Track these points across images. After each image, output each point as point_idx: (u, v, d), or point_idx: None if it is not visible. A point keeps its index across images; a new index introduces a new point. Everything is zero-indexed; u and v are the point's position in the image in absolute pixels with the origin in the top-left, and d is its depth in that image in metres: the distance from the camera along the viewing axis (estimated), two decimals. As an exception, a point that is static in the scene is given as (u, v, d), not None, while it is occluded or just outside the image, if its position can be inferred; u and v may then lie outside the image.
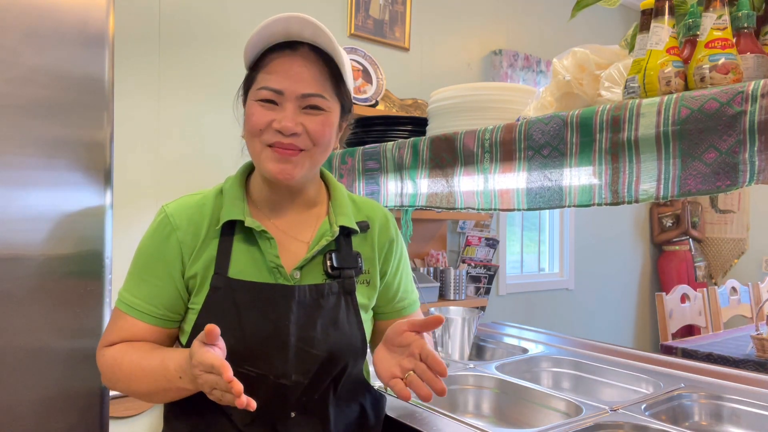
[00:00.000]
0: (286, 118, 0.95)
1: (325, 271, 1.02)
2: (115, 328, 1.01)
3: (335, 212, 1.06)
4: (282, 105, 0.96)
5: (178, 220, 1.00)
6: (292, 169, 0.97)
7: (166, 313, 1.00)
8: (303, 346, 0.96)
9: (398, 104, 3.01)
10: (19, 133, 1.08)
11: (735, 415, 1.36)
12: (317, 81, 0.97)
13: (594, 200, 1.00)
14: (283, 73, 0.96)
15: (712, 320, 3.34)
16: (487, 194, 1.23)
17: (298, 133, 0.95)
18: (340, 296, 1.02)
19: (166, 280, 0.99)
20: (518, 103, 1.35)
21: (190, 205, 1.03)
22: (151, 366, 0.93)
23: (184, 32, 2.45)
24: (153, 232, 1.02)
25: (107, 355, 0.99)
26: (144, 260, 1.01)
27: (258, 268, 0.99)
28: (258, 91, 0.97)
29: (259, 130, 0.96)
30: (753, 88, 0.78)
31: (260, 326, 0.96)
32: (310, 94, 0.96)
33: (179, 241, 0.99)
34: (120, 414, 2.24)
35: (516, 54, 3.58)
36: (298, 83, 0.95)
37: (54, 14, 1.10)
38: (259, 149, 0.97)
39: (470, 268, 3.32)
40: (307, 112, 0.96)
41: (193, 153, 2.48)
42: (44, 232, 1.10)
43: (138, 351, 0.97)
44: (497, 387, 1.50)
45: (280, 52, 0.97)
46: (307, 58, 0.97)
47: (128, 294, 1.00)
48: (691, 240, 4.56)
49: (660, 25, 0.95)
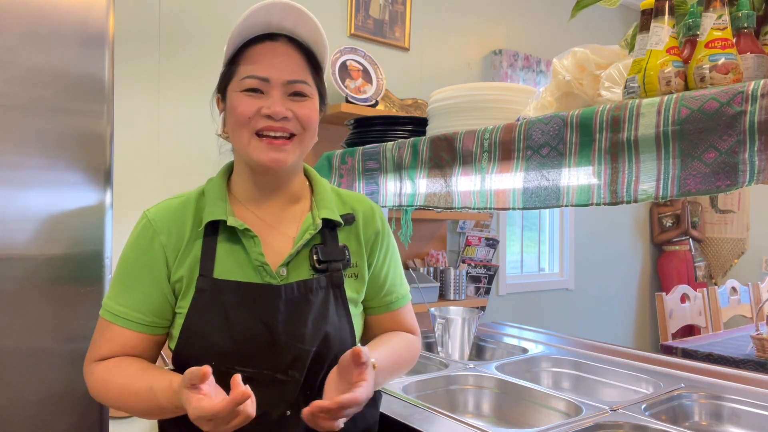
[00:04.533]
0: (275, 103, 0.95)
1: (312, 265, 1.01)
2: (102, 339, 0.98)
3: (318, 206, 1.05)
4: (268, 93, 0.96)
5: (160, 224, 0.99)
6: (284, 157, 0.97)
7: (154, 319, 0.98)
8: (294, 342, 0.95)
9: (398, 104, 3.01)
10: (19, 133, 1.08)
11: (735, 415, 1.36)
12: (300, 68, 0.98)
13: (593, 200, 1.00)
14: (266, 61, 0.96)
15: (712, 320, 3.34)
16: (483, 194, 1.23)
17: (288, 117, 0.96)
18: (328, 290, 1.01)
19: (152, 286, 0.98)
20: (518, 103, 1.35)
21: (172, 209, 1.01)
22: (140, 392, 0.92)
23: (184, 32, 2.45)
24: (136, 239, 1.00)
25: (96, 373, 0.97)
26: (128, 267, 0.99)
27: (243, 268, 0.98)
28: (242, 81, 0.96)
29: (248, 119, 0.95)
30: (753, 88, 0.78)
31: (249, 326, 0.95)
32: (295, 81, 0.97)
33: (163, 246, 0.98)
34: (120, 414, 2.24)
35: (516, 54, 3.58)
36: (283, 71, 0.96)
37: (54, 14, 1.10)
38: (247, 140, 0.96)
39: (470, 268, 3.32)
40: (292, 99, 0.97)
41: (193, 153, 2.48)
42: (44, 232, 1.10)
43: (124, 374, 0.95)
44: (497, 387, 1.50)
45: (260, 43, 0.98)
46: (287, 46, 0.98)
47: (113, 302, 0.98)
48: (691, 240, 4.56)
49: (660, 25, 0.95)
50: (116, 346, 0.97)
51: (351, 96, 2.75)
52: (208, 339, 0.94)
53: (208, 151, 2.53)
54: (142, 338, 0.98)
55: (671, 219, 4.58)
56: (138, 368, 0.96)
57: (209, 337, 0.94)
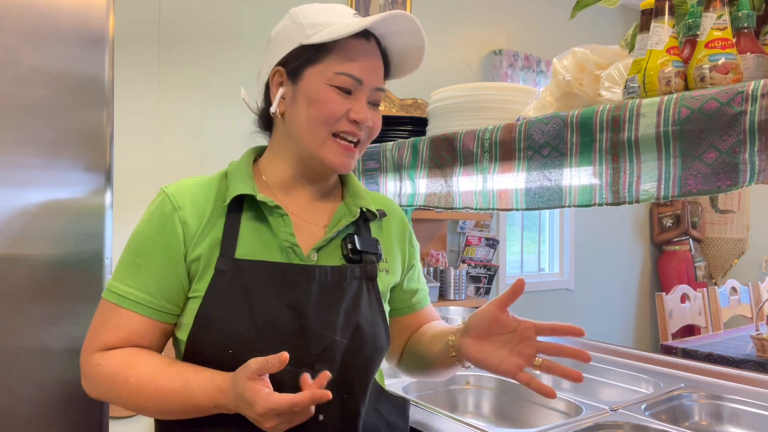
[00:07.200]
0: (363, 109, 0.93)
1: (345, 255, 0.95)
2: (106, 325, 0.88)
3: (352, 196, 1.03)
4: (356, 95, 0.93)
5: (180, 200, 0.91)
6: (351, 163, 0.95)
7: (164, 304, 0.89)
8: (324, 332, 0.87)
9: (398, 104, 3.01)
10: (19, 133, 1.08)
11: (735, 415, 1.36)
12: (382, 76, 0.97)
13: (594, 200, 1.00)
14: (364, 62, 0.92)
15: (712, 320, 3.34)
16: (485, 194, 1.23)
17: (370, 126, 0.95)
18: (362, 281, 0.94)
19: (166, 266, 0.89)
20: (518, 103, 1.35)
21: (193, 185, 0.95)
22: (171, 388, 0.83)
23: (184, 32, 2.45)
24: (151, 214, 0.92)
25: (105, 365, 0.86)
26: (140, 244, 0.90)
27: (269, 249, 0.91)
28: (336, 76, 0.91)
29: (336, 119, 0.91)
30: (753, 88, 0.78)
31: (274, 310, 0.87)
32: (380, 89, 0.96)
33: (182, 222, 0.89)
34: (121, 413, 2.24)
35: (516, 54, 3.58)
36: (374, 76, 0.94)
37: (54, 14, 1.10)
38: (323, 139, 0.92)
39: (470, 268, 3.32)
40: (370, 106, 0.95)
41: (193, 152, 2.48)
42: (44, 231, 1.10)
43: (149, 366, 0.86)
44: (497, 387, 1.50)
45: (357, 39, 0.92)
46: (377, 49, 0.96)
47: (120, 284, 0.89)
48: (691, 240, 4.57)
49: (660, 25, 0.95)
50: (123, 333, 0.88)
51: (351, 96, 2.75)
52: (228, 325, 0.85)
53: (209, 150, 2.53)
54: (151, 325, 0.89)
55: (671, 219, 4.58)
56: (162, 361, 0.88)
57: (229, 323, 0.86)
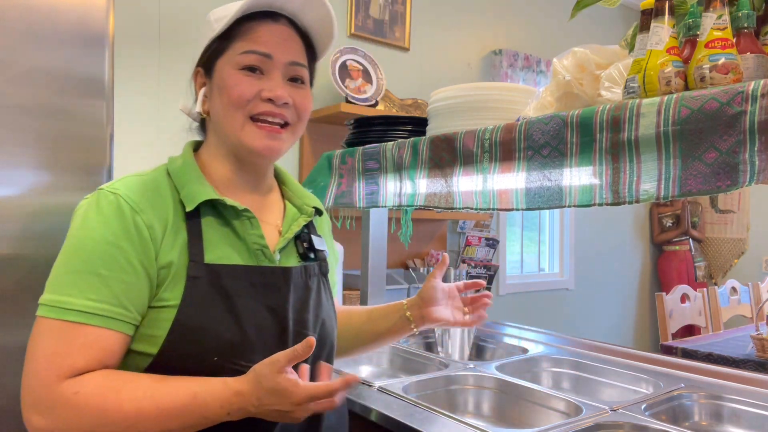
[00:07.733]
0: (277, 86, 0.88)
1: (301, 254, 0.97)
2: (70, 347, 0.76)
3: (295, 195, 1.02)
4: (268, 74, 0.89)
5: (138, 203, 0.83)
6: (279, 145, 0.91)
7: (137, 316, 0.81)
8: (300, 330, 0.90)
9: (398, 104, 3.01)
10: (19, 133, 1.08)
11: (735, 415, 1.36)
12: (300, 52, 0.93)
13: (595, 200, 1.00)
14: (268, 38, 0.89)
15: (712, 320, 3.34)
16: (485, 194, 1.23)
17: (288, 103, 0.90)
18: (320, 278, 0.98)
19: (137, 274, 0.80)
20: (518, 103, 1.35)
21: (145, 187, 0.87)
22: (177, 404, 0.76)
23: (184, 32, 2.45)
24: (105, 218, 0.81)
25: (85, 391, 0.75)
26: (99, 253, 0.79)
27: (238, 252, 0.89)
28: (240, 56, 0.88)
29: (246, 101, 0.87)
30: (753, 88, 0.78)
31: (258, 314, 0.86)
32: (296, 63, 0.91)
33: (147, 225, 0.82)
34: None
35: (516, 54, 3.58)
36: (286, 50, 0.90)
37: (54, 14, 1.10)
38: (241, 124, 0.88)
39: (470, 268, 3.31)
40: (291, 84, 0.91)
41: (193, 153, 2.48)
42: (44, 231, 1.10)
43: (140, 385, 0.77)
44: (497, 387, 1.50)
45: (260, 20, 0.90)
46: (289, 28, 0.92)
47: (79, 299, 0.77)
48: (691, 240, 4.56)
49: (660, 25, 0.95)
50: (95, 353, 0.77)
51: (351, 96, 2.75)
52: (212, 332, 0.82)
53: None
54: (124, 341, 0.80)
55: (671, 219, 4.58)
56: (151, 378, 0.79)
57: (213, 330, 0.82)
